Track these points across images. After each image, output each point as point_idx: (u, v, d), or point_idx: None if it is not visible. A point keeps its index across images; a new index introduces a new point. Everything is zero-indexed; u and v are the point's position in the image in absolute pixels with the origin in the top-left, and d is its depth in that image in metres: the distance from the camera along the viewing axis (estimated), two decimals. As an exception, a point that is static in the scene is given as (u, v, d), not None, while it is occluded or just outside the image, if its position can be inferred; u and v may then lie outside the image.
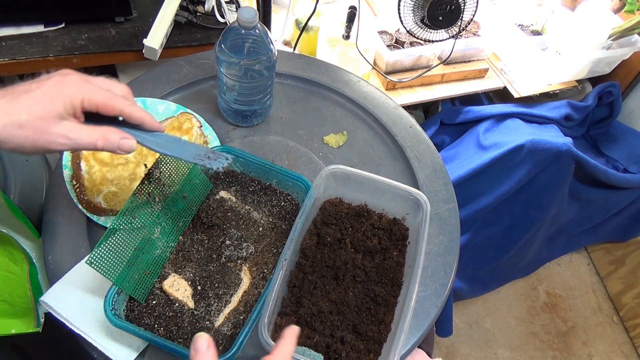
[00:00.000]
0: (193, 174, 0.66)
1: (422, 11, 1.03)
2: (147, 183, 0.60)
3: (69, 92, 0.43)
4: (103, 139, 0.45)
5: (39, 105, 0.41)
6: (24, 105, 0.41)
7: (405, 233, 0.69)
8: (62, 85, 0.43)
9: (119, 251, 0.56)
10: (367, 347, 0.58)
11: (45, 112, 0.42)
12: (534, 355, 1.56)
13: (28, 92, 0.42)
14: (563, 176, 1.27)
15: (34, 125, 0.41)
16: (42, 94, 0.42)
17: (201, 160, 0.54)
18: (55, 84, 0.43)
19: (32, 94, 0.42)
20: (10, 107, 0.41)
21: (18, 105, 0.41)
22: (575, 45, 1.30)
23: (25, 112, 0.41)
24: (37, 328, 0.65)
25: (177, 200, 0.64)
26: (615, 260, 1.67)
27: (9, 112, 0.41)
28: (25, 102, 0.41)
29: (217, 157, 0.55)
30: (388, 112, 0.89)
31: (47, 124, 0.42)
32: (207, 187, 0.69)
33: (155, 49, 1.03)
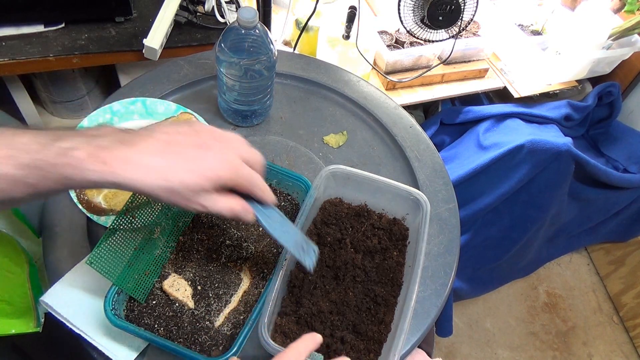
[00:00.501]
0: None
1: (422, 11, 1.03)
2: None
3: (224, 176, 0.46)
4: (230, 210, 0.48)
5: (195, 181, 0.44)
6: (182, 176, 0.44)
7: (405, 233, 0.69)
8: (220, 166, 0.46)
9: (119, 251, 0.56)
10: (367, 347, 0.58)
11: (197, 187, 0.45)
12: (534, 355, 1.56)
13: (187, 160, 0.44)
14: (563, 176, 1.27)
15: (182, 194, 0.44)
16: (201, 169, 0.45)
17: (297, 252, 0.56)
18: (215, 161, 0.46)
19: (191, 165, 0.44)
20: (169, 173, 0.43)
21: (177, 174, 0.44)
22: (575, 45, 1.30)
23: (181, 184, 0.44)
24: (37, 328, 0.65)
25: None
26: (615, 260, 1.67)
27: (167, 178, 0.43)
28: (185, 173, 0.44)
29: (308, 250, 0.57)
30: (388, 112, 0.89)
31: (193, 195, 0.45)
32: None
33: (155, 49, 1.03)
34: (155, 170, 0.43)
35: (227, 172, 0.46)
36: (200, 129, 0.47)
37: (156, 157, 0.43)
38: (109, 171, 0.42)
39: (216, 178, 0.45)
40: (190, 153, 0.45)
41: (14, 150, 0.40)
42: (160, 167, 0.43)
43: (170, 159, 0.44)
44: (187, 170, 0.44)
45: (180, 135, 0.46)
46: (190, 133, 0.46)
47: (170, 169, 0.44)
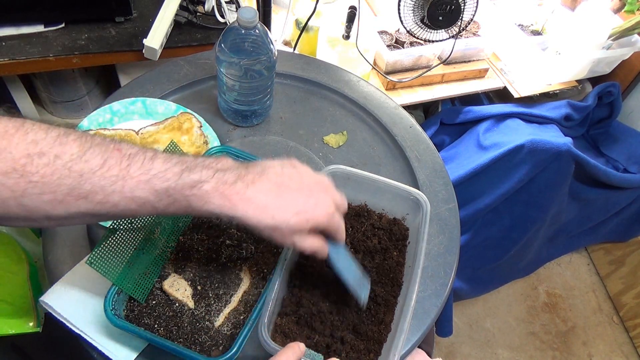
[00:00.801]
0: None
1: (422, 11, 1.03)
2: None
3: (322, 221, 0.51)
4: (312, 249, 0.52)
5: (297, 222, 0.49)
6: (287, 216, 0.48)
7: (405, 233, 0.69)
8: (320, 212, 0.51)
9: (118, 251, 0.56)
10: (367, 347, 0.58)
11: (298, 228, 0.49)
12: (534, 355, 1.56)
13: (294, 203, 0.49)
14: (563, 176, 1.27)
15: (283, 232, 0.49)
16: (304, 212, 0.49)
17: (357, 287, 0.59)
18: (316, 207, 0.51)
19: (296, 208, 0.49)
20: (277, 212, 0.48)
21: (284, 214, 0.48)
22: (575, 45, 1.30)
23: (285, 224, 0.48)
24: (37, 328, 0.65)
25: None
26: (615, 260, 1.67)
27: (275, 217, 0.48)
28: (289, 214, 0.49)
29: (363, 284, 0.60)
30: (388, 112, 0.89)
31: (291, 232, 0.49)
32: None
33: (155, 49, 1.03)
34: (267, 210, 0.48)
35: (324, 219, 0.51)
36: (304, 173, 0.52)
37: (269, 197, 0.48)
38: (230, 206, 0.46)
39: (314, 223, 0.50)
40: (297, 197, 0.50)
41: (150, 175, 0.44)
42: (272, 207, 0.48)
43: (281, 200, 0.49)
44: (293, 212, 0.49)
45: (288, 178, 0.51)
46: (296, 177, 0.51)
47: (280, 209, 0.48)
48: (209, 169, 0.47)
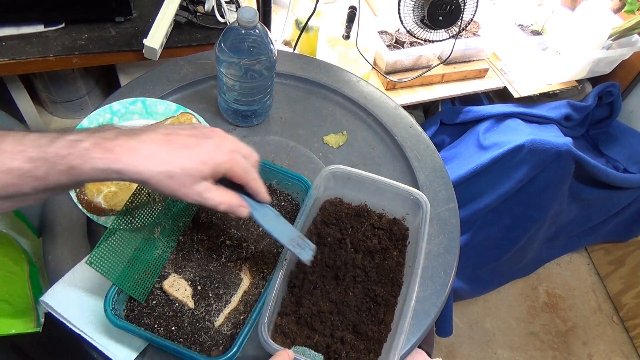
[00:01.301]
0: None
1: (422, 11, 1.03)
2: None
3: (220, 160, 0.48)
4: (226, 204, 0.50)
5: (193, 165, 0.46)
6: (181, 160, 0.46)
7: (405, 233, 0.69)
8: (217, 151, 0.48)
9: (118, 251, 0.56)
10: (367, 347, 0.58)
11: (195, 171, 0.47)
12: (534, 355, 1.56)
13: (187, 147, 0.47)
14: (563, 176, 1.27)
15: (181, 180, 0.46)
16: (198, 153, 0.47)
17: (293, 247, 0.57)
18: (212, 147, 0.48)
19: (190, 151, 0.47)
20: (169, 157, 0.46)
21: (177, 159, 0.46)
22: (575, 45, 1.30)
23: (180, 168, 0.46)
24: (37, 328, 0.65)
25: (177, 200, 0.64)
26: (615, 260, 1.67)
27: (167, 162, 0.46)
28: (182, 157, 0.46)
29: (304, 246, 0.58)
30: (388, 112, 0.89)
31: (192, 181, 0.47)
32: None
33: (155, 49, 1.03)
34: (156, 157, 0.45)
35: (224, 159, 0.48)
36: (198, 125, 0.50)
37: (157, 145, 0.46)
38: (113, 158, 0.44)
39: (213, 163, 0.47)
40: (189, 141, 0.47)
41: (23, 146, 0.42)
42: (161, 153, 0.46)
43: (171, 147, 0.46)
44: (186, 156, 0.46)
45: (180, 129, 0.49)
46: (189, 128, 0.49)
47: (171, 155, 0.46)
48: (88, 132, 0.46)
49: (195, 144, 0.48)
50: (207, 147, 0.48)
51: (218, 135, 0.50)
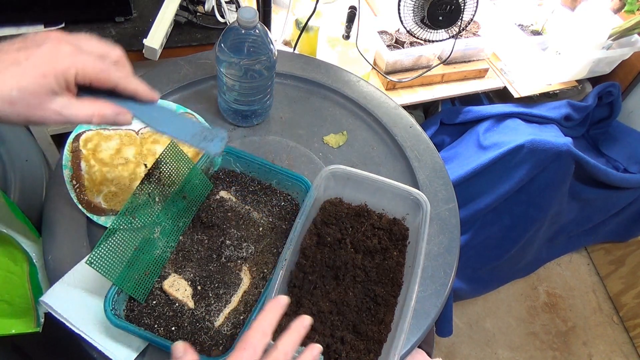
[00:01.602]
0: (193, 174, 0.66)
1: (422, 11, 1.03)
2: (147, 183, 0.60)
3: (62, 66, 0.40)
4: (98, 116, 0.43)
5: (30, 80, 0.39)
6: (14, 80, 0.38)
7: (405, 233, 0.69)
8: (54, 57, 0.40)
9: (119, 251, 0.56)
10: (367, 347, 0.58)
11: (38, 88, 0.39)
12: (534, 355, 1.56)
13: (16, 63, 0.39)
14: (563, 176, 1.27)
15: (26, 102, 0.39)
16: (32, 66, 0.39)
17: (197, 142, 0.51)
18: (46, 55, 0.40)
19: (21, 67, 0.39)
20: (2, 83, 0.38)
21: (7, 80, 0.38)
22: (575, 45, 1.30)
23: (16, 89, 0.38)
24: (37, 328, 0.65)
25: (177, 200, 0.64)
26: (615, 260, 1.67)
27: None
28: (15, 77, 0.38)
29: (213, 138, 0.52)
30: (388, 112, 0.89)
31: (40, 100, 0.39)
32: (207, 188, 0.69)
33: (155, 49, 1.03)
34: None
35: (65, 62, 0.40)
36: (31, 35, 0.41)
37: None
38: None
39: (53, 72, 0.40)
40: (19, 56, 0.39)
41: None
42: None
43: (3, 70, 0.39)
44: (18, 74, 0.39)
45: (7, 44, 0.41)
46: (19, 41, 0.41)
47: (3, 79, 0.38)
48: None
49: (25, 57, 0.39)
50: (40, 56, 0.39)
51: (53, 39, 0.41)
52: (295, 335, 0.44)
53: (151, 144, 0.75)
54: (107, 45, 0.45)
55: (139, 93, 0.46)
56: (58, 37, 0.41)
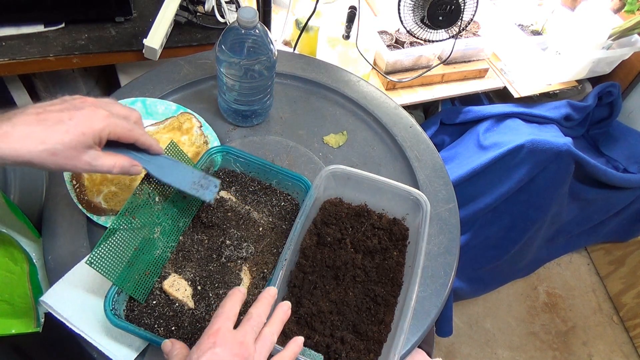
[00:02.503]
0: None
1: (422, 11, 1.03)
2: (146, 183, 0.60)
3: (98, 127, 0.50)
4: (118, 167, 0.53)
5: (72, 137, 0.48)
6: (59, 136, 0.47)
7: (405, 233, 0.69)
8: (92, 120, 0.49)
9: (118, 251, 0.56)
10: (367, 347, 0.58)
11: (77, 143, 0.48)
12: (534, 355, 1.56)
13: (61, 122, 0.48)
14: (563, 176, 1.27)
15: (65, 154, 0.48)
16: (74, 126, 0.48)
17: (195, 191, 0.61)
18: (86, 117, 0.49)
19: (65, 126, 0.48)
20: (46, 135, 0.47)
21: (54, 136, 0.47)
22: (575, 45, 1.30)
23: (60, 143, 0.47)
24: (37, 328, 0.65)
25: (177, 200, 0.65)
26: (615, 260, 1.67)
27: (45, 141, 0.47)
28: (60, 133, 0.47)
29: (208, 185, 0.61)
30: (388, 112, 0.89)
31: (76, 153, 0.49)
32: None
33: (155, 49, 1.03)
34: (32, 137, 0.47)
35: (101, 123, 0.50)
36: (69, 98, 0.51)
37: (30, 126, 0.47)
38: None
39: (91, 131, 0.49)
40: (62, 116, 0.48)
41: None
42: (36, 133, 0.47)
43: (45, 125, 0.47)
44: (62, 131, 0.48)
45: (49, 105, 0.49)
46: (59, 102, 0.50)
47: (46, 132, 0.47)
48: None
49: (69, 117, 0.48)
50: (81, 118, 0.49)
51: (89, 105, 0.51)
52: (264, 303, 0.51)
53: (151, 144, 0.75)
54: (129, 109, 0.55)
55: (152, 147, 0.57)
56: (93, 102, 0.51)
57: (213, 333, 0.46)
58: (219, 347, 0.44)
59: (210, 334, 0.46)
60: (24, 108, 0.49)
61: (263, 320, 0.50)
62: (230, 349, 0.45)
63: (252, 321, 0.48)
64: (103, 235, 0.54)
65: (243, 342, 0.46)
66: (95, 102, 0.52)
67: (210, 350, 0.44)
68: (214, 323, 0.47)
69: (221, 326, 0.46)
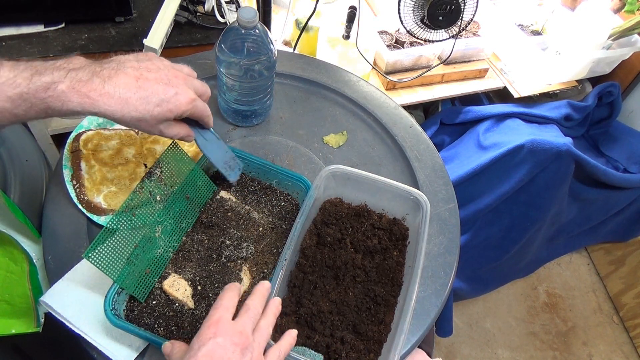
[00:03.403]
0: (197, 175, 0.66)
1: (422, 11, 1.03)
2: (147, 181, 0.60)
3: (183, 109, 0.55)
4: (180, 135, 0.58)
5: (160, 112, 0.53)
6: (151, 108, 0.52)
7: (405, 233, 0.69)
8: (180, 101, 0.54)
9: (117, 247, 0.56)
10: (367, 347, 0.58)
11: (162, 118, 0.54)
12: (534, 355, 1.56)
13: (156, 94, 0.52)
14: (563, 176, 1.27)
15: (149, 122, 0.53)
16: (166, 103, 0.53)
17: (225, 169, 0.67)
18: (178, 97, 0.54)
19: (158, 99, 0.53)
20: (140, 104, 0.52)
21: (147, 107, 0.52)
22: (575, 45, 1.30)
23: (149, 114, 0.52)
24: (37, 328, 0.65)
25: (180, 200, 0.64)
26: (615, 260, 1.67)
27: (139, 109, 0.52)
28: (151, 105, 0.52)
29: (234, 167, 0.68)
30: (388, 112, 0.89)
31: (157, 123, 0.54)
32: (211, 189, 0.69)
33: (155, 49, 1.03)
34: (129, 103, 0.51)
35: (187, 107, 0.55)
36: (161, 66, 0.55)
37: (129, 91, 0.51)
38: (90, 102, 0.49)
39: (177, 111, 0.55)
40: (157, 88, 0.53)
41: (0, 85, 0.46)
42: (134, 99, 0.51)
43: (142, 92, 0.52)
44: (155, 104, 0.52)
45: (147, 71, 0.53)
46: (154, 69, 0.54)
47: (142, 101, 0.52)
48: (61, 70, 0.49)
49: (162, 91, 0.53)
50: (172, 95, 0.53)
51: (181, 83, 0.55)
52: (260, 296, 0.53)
53: (151, 144, 0.75)
54: (205, 86, 0.60)
55: (209, 124, 0.62)
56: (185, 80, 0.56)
57: (213, 323, 0.46)
58: (220, 336, 0.45)
59: (210, 324, 0.46)
60: (121, 62, 0.53)
61: (260, 312, 0.51)
62: (230, 339, 0.45)
63: (250, 312, 0.49)
64: (101, 231, 0.54)
65: (242, 332, 0.47)
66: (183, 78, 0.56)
67: (212, 340, 0.44)
68: (213, 314, 0.48)
69: (221, 316, 0.47)
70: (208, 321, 0.47)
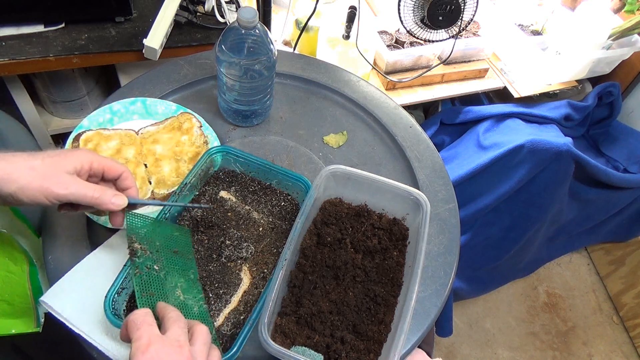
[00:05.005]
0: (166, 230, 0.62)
1: (422, 11, 1.03)
2: (138, 260, 0.56)
3: (81, 156, 0.53)
4: (99, 190, 0.52)
5: (53, 160, 0.51)
6: (41, 157, 0.50)
7: (405, 233, 0.69)
8: (78, 152, 0.53)
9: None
10: (367, 347, 0.58)
11: (56, 165, 0.50)
12: (534, 355, 1.56)
13: (48, 154, 0.51)
14: (563, 176, 1.27)
15: (42, 171, 0.49)
16: (58, 154, 0.51)
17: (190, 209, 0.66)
18: (72, 150, 0.54)
19: (50, 154, 0.51)
20: (31, 158, 0.50)
21: (37, 157, 0.50)
22: (575, 45, 1.30)
23: (40, 161, 0.50)
24: (37, 328, 0.65)
25: (172, 258, 0.60)
26: (615, 260, 1.67)
27: (27, 160, 0.50)
28: (42, 156, 0.51)
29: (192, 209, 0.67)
30: (388, 112, 0.89)
31: (54, 173, 0.50)
32: (187, 233, 0.65)
33: (155, 49, 1.03)
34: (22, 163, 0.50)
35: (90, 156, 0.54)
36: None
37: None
38: None
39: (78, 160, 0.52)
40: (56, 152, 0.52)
41: None
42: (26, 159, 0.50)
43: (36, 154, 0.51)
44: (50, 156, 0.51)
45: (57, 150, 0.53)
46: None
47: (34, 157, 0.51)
48: None
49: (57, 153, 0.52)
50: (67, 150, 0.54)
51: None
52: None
53: (151, 144, 0.75)
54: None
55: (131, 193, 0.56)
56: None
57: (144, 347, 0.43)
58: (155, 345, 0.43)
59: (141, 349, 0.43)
60: None
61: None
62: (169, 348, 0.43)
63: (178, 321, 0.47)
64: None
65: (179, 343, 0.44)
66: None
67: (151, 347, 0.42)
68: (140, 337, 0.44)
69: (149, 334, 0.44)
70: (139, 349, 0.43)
